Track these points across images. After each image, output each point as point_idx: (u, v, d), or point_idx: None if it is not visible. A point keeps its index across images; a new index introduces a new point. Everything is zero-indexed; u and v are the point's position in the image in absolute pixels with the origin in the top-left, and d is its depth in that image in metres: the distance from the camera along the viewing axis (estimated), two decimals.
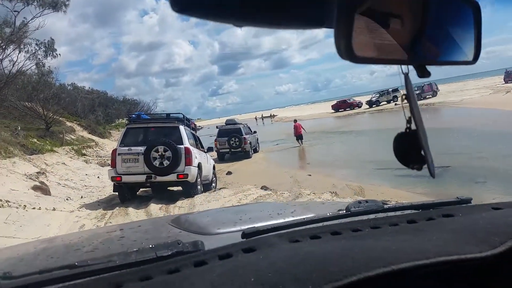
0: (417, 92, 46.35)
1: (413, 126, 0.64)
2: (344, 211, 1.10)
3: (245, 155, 19.13)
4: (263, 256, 0.73)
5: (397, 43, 0.59)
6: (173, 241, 0.90)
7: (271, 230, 0.96)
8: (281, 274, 0.64)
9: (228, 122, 21.30)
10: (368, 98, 55.37)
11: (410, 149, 0.64)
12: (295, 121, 22.57)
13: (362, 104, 54.68)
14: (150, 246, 0.88)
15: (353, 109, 54.84)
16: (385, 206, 1.15)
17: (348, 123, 33.86)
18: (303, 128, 22.17)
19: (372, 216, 1.06)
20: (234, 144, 18.82)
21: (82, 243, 1.52)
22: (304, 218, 1.06)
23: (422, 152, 0.64)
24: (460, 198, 1.17)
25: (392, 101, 46.94)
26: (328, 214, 1.10)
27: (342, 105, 57.48)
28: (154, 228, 1.77)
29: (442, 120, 23.03)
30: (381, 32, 0.57)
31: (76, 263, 0.83)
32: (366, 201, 1.17)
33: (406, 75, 0.62)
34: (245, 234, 0.96)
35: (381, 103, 49.05)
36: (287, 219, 1.24)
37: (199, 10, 0.46)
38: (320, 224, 0.99)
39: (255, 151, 21.31)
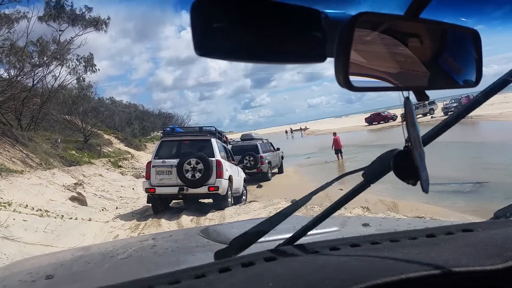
0: (455, 105, 45.11)
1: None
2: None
3: (263, 177, 16.40)
4: (282, 265, 0.77)
5: (396, 71, 0.63)
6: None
7: (291, 241, 1.01)
8: (296, 280, 0.68)
9: (243, 138, 18.71)
10: (403, 111, 54.28)
11: (406, 165, 0.71)
12: (335, 134, 21.25)
13: (396, 117, 53.70)
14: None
15: (388, 122, 53.90)
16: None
17: (382, 137, 33.22)
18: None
19: (392, 229, 1.07)
20: (248, 164, 15.93)
21: (116, 250, 1.59)
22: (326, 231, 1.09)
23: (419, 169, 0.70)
24: None
25: (428, 114, 45.87)
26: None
27: (376, 118, 56.67)
28: (184, 238, 1.84)
29: (479, 134, 22.23)
30: (379, 61, 0.62)
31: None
32: None
33: (407, 99, 0.68)
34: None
35: (417, 116, 47.84)
36: (310, 232, 1.29)
37: (217, 54, 0.56)
38: (341, 236, 1.03)
39: (280, 171, 19.10)
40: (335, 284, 0.64)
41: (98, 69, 21.60)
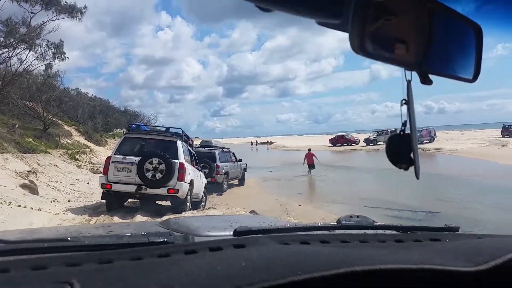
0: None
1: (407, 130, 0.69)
2: (335, 223, 1.13)
3: (217, 188, 15.25)
4: (254, 251, 0.75)
5: (406, 48, 0.63)
6: (165, 231, 0.92)
7: (262, 231, 0.99)
8: (271, 261, 0.67)
9: (202, 144, 17.55)
10: (366, 136, 55.73)
11: (401, 149, 0.69)
12: (309, 150, 22.17)
13: (359, 141, 54.95)
14: (143, 233, 0.91)
15: (350, 145, 55.04)
16: (375, 224, 1.17)
17: (344, 158, 33.87)
18: (316, 158, 21.74)
19: (362, 231, 1.08)
20: (203, 172, 13.72)
21: (70, 233, 1.52)
22: (295, 225, 1.08)
23: (412, 155, 0.68)
24: (449, 225, 1.19)
25: None
26: (319, 223, 1.13)
27: (340, 140, 57.68)
28: (143, 228, 1.77)
29: (437, 167, 23.10)
30: (392, 33, 0.62)
31: (68, 238, 0.86)
32: (357, 216, 1.20)
33: (409, 82, 0.66)
34: (237, 232, 0.99)
35: (378, 143, 49.23)
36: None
37: None
38: (311, 232, 1.02)
39: (240, 183, 18.17)
40: (314, 267, 0.64)
41: (67, 57, 21.01)
